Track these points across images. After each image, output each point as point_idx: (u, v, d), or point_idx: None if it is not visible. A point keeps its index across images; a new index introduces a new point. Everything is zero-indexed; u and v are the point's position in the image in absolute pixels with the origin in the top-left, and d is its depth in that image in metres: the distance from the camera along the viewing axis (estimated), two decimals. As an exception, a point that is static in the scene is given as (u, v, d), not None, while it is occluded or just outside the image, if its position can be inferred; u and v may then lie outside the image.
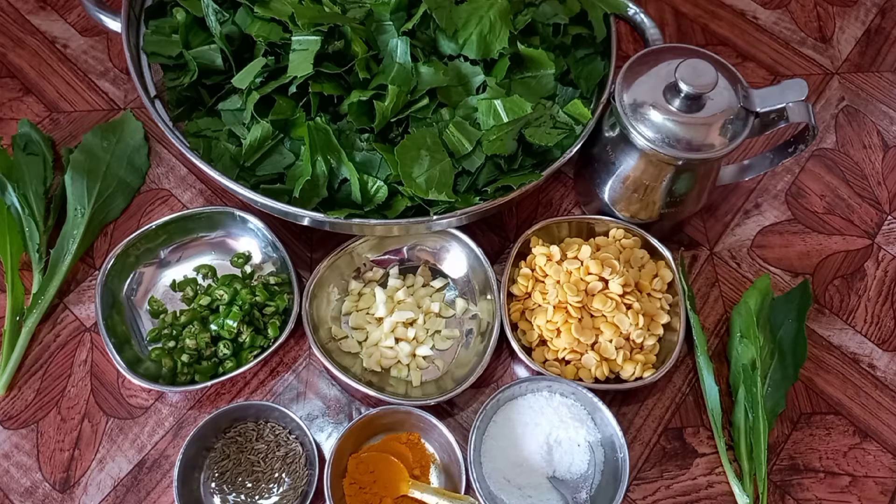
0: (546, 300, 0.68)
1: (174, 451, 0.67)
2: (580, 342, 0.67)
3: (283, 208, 0.64)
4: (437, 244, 0.74)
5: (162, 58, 0.72)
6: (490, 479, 0.64)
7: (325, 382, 0.71)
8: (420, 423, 0.66)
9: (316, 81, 0.65)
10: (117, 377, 0.70)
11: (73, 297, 0.74)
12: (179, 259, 0.74)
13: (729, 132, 0.64)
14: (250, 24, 0.68)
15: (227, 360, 0.68)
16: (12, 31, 0.87)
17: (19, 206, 0.73)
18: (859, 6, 0.93)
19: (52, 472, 0.67)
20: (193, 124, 0.69)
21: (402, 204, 0.65)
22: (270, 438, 0.66)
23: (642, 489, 0.67)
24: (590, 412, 0.67)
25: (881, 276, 0.77)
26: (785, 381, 0.68)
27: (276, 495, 0.65)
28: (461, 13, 0.68)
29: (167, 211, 0.78)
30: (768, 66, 0.89)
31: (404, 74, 0.66)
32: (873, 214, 0.80)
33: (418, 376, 0.70)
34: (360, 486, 0.64)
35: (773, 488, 0.68)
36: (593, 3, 0.75)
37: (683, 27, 0.91)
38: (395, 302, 0.72)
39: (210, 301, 0.70)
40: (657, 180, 0.68)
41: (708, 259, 0.78)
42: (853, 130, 0.85)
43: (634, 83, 0.66)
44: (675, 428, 0.70)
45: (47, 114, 0.83)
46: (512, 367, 0.72)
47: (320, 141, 0.65)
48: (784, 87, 0.64)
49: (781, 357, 0.69)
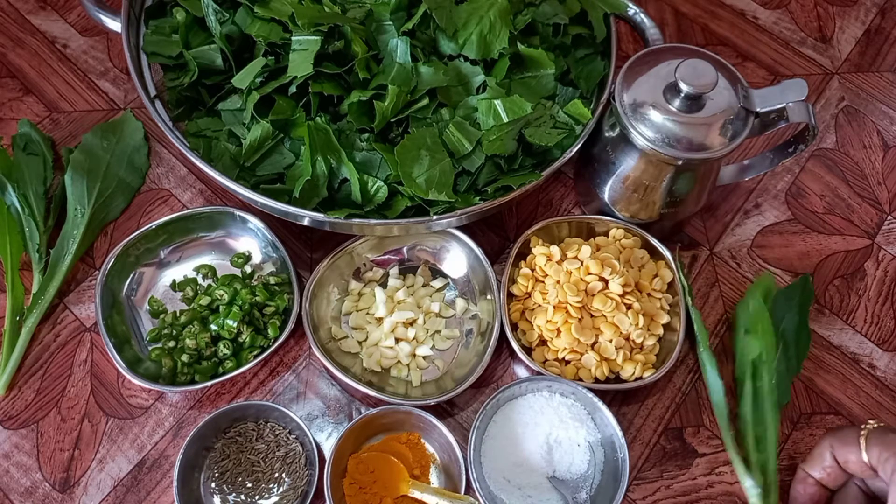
0: (546, 300, 0.68)
1: (174, 451, 0.67)
2: (580, 342, 0.67)
3: (283, 208, 0.64)
4: (437, 244, 0.74)
5: (162, 58, 0.72)
6: (490, 479, 0.64)
7: (325, 382, 0.71)
8: (420, 423, 0.66)
9: (316, 81, 0.65)
10: (117, 377, 0.70)
11: (73, 297, 0.74)
12: (179, 259, 0.74)
13: (729, 132, 0.64)
14: (250, 24, 0.68)
15: (227, 360, 0.68)
16: (12, 31, 0.87)
17: (19, 206, 0.73)
18: (859, 6, 0.93)
19: (52, 472, 0.67)
20: (193, 124, 0.69)
21: (402, 204, 0.65)
22: (270, 438, 0.67)
23: (642, 489, 0.67)
24: (590, 412, 0.67)
25: (881, 276, 0.77)
26: (789, 373, 0.69)
27: (276, 495, 0.65)
28: (461, 13, 0.68)
29: (167, 211, 0.78)
30: (768, 66, 0.89)
31: (404, 74, 0.66)
32: (873, 214, 0.80)
33: (418, 376, 0.70)
34: (360, 486, 0.64)
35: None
36: (593, 3, 0.75)
37: (683, 27, 0.91)
38: (395, 302, 0.72)
39: (210, 301, 0.70)
40: (657, 180, 0.68)
41: (708, 259, 0.78)
42: (853, 130, 0.85)
43: (634, 83, 0.66)
44: (675, 428, 0.70)
45: (47, 114, 0.83)
46: (512, 367, 0.72)
47: (320, 141, 0.65)
48: (784, 87, 0.64)
49: (785, 349, 0.69)
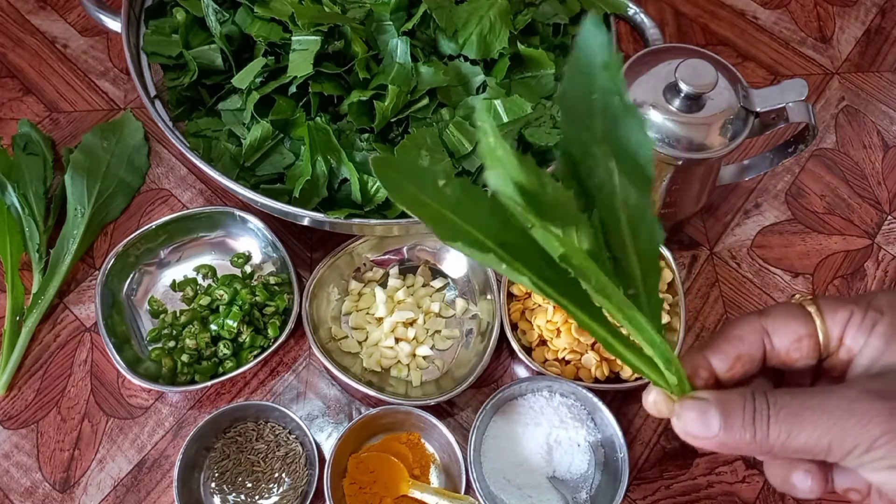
0: (546, 300, 0.69)
1: (174, 451, 0.67)
2: (580, 342, 0.67)
3: (283, 208, 0.64)
4: (437, 244, 0.74)
5: (162, 58, 0.72)
6: (490, 479, 0.64)
7: (325, 382, 0.71)
8: (420, 423, 0.66)
9: (316, 81, 0.65)
10: (117, 377, 0.70)
11: (73, 297, 0.74)
12: (179, 259, 0.74)
13: (729, 132, 0.64)
14: (250, 24, 0.68)
15: (227, 360, 0.68)
16: (12, 31, 0.87)
17: (19, 206, 0.73)
18: (859, 6, 0.93)
19: (52, 472, 0.67)
20: (193, 124, 0.69)
21: (403, 204, 0.65)
22: (270, 438, 0.67)
23: (642, 489, 0.67)
24: (590, 412, 0.67)
25: (881, 276, 0.77)
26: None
27: (276, 495, 0.65)
28: (461, 13, 0.68)
29: (167, 211, 0.78)
30: (768, 66, 0.89)
31: (404, 74, 0.66)
32: (873, 214, 0.80)
33: (418, 376, 0.70)
34: (360, 486, 0.64)
35: (772, 488, 0.68)
36: (593, 3, 0.75)
37: (683, 27, 0.91)
38: (395, 302, 0.72)
39: (210, 301, 0.70)
40: (657, 180, 0.68)
41: (708, 259, 0.78)
42: (853, 130, 0.85)
43: (634, 83, 0.66)
44: (675, 428, 0.70)
45: (47, 114, 0.83)
46: (512, 367, 0.72)
47: (320, 141, 0.65)
48: (784, 87, 0.64)
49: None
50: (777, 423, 0.34)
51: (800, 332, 0.37)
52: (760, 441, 0.34)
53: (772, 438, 0.34)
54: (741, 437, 0.34)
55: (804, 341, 0.37)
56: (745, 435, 0.34)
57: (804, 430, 0.33)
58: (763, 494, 0.68)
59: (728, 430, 0.35)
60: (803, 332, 0.37)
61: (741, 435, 0.34)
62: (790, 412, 0.34)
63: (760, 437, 0.34)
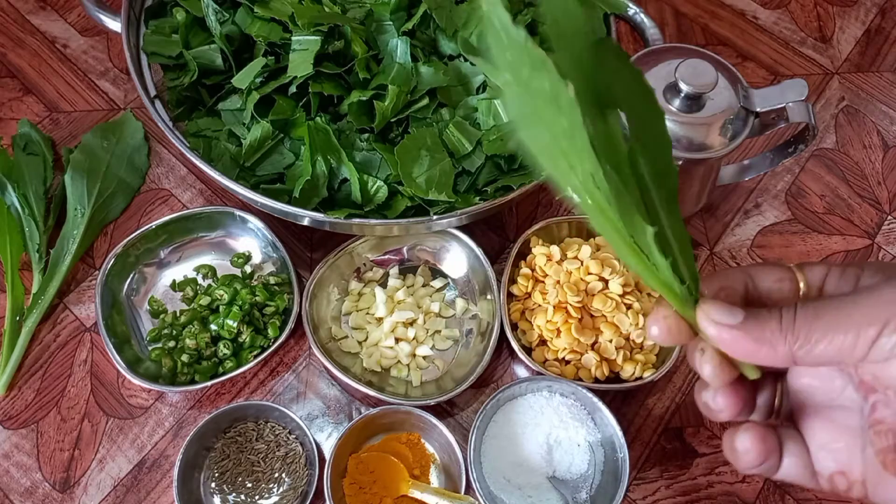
0: (546, 300, 0.68)
1: (174, 451, 0.67)
2: (580, 342, 0.67)
3: (283, 208, 0.64)
4: (437, 244, 0.74)
5: (162, 58, 0.72)
6: (490, 479, 0.64)
7: (325, 382, 0.71)
8: (420, 423, 0.66)
9: (316, 81, 0.65)
10: (117, 377, 0.70)
11: (73, 297, 0.74)
12: (179, 259, 0.74)
13: (729, 132, 0.64)
14: (250, 24, 0.68)
15: (227, 360, 0.68)
16: (12, 31, 0.87)
17: (19, 206, 0.73)
18: (859, 6, 0.93)
19: (52, 472, 0.67)
20: (193, 124, 0.69)
21: (402, 204, 0.65)
22: (270, 438, 0.67)
23: (642, 489, 0.67)
24: (590, 412, 0.67)
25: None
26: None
27: (276, 495, 0.65)
28: (461, 13, 0.68)
29: (167, 211, 0.78)
30: (768, 66, 0.89)
31: (404, 74, 0.66)
32: (873, 214, 0.80)
33: (418, 376, 0.70)
34: (360, 486, 0.64)
35: (772, 488, 0.68)
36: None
37: (683, 27, 0.91)
38: (395, 302, 0.72)
39: (210, 301, 0.70)
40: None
41: (708, 259, 0.78)
42: (853, 130, 0.85)
43: (634, 83, 0.66)
44: (675, 428, 0.70)
45: (47, 114, 0.83)
46: (512, 367, 0.72)
47: (320, 141, 0.65)
48: (784, 87, 0.64)
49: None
50: (803, 312, 0.34)
51: (780, 275, 0.39)
52: (786, 329, 0.34)
53: (798, 326, 0.34)
54: (766, 323, 0.35)
55: (784, 282, 0.38)
56: (771, 321, 0.34)
57: (828, 314, 0.34)
58: (763, 494, 0.68)
59: (754, 318, 0.35)
60: (784, 276, 0.39)
61: (767, 320, 0.35)
62: (815, 306, 0.34)
63: (787, 324, 0.34)
